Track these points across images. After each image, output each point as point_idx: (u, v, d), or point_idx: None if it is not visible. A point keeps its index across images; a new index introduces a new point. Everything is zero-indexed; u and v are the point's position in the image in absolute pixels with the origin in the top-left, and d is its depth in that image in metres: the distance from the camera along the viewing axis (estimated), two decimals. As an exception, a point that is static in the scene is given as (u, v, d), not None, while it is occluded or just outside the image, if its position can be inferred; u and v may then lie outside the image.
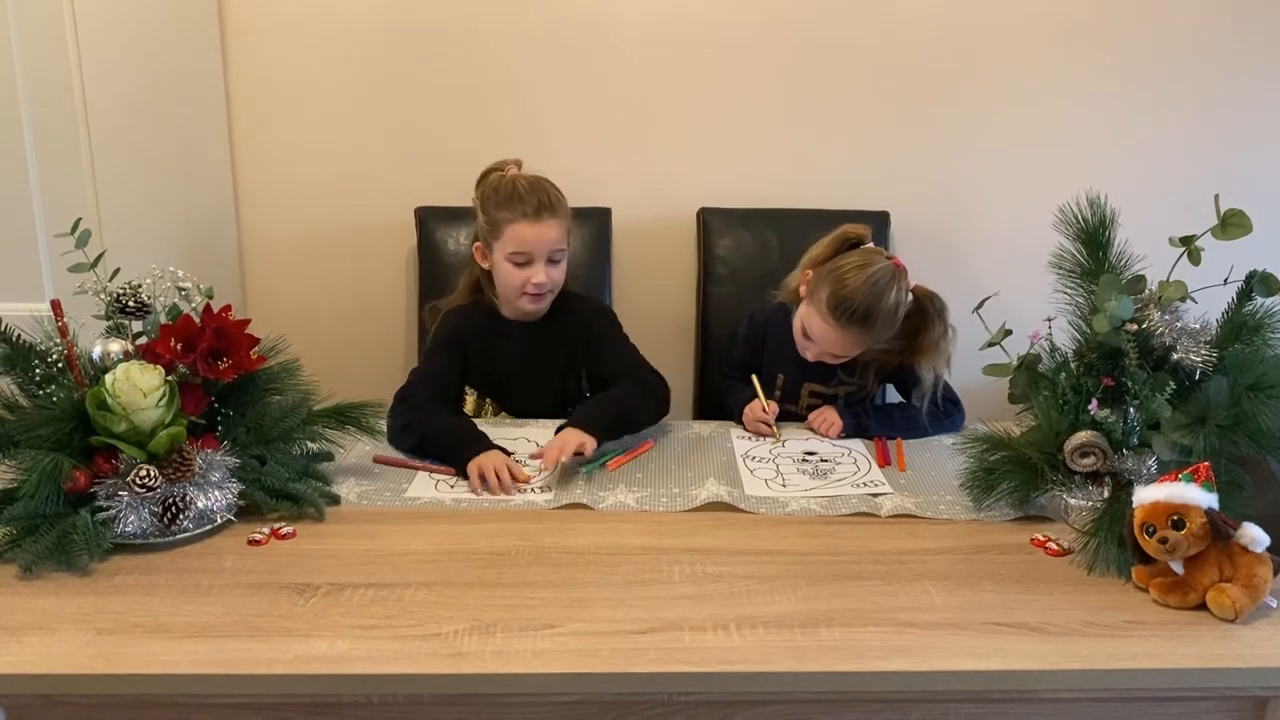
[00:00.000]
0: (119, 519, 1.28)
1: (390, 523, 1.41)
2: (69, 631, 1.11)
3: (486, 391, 1.96)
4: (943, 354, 1.83)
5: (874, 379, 1.93)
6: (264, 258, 2.49)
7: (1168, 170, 2.46)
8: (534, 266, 1.82)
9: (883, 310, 1.75)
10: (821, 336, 1.81)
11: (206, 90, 2.32)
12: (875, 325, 1.77)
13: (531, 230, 1.80)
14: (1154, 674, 1.09)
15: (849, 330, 1.77)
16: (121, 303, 1.40)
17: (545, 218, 1.80)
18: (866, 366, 1.91)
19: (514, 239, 1.80)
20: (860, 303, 1.74)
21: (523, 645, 1.09)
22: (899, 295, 1.77)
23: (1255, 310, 1.38)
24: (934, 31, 2.38)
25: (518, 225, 1.80)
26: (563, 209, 1.85)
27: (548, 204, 1.81)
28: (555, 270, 1.85)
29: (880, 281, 1.75)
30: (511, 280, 1.84)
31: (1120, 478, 1.38)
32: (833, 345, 1.82)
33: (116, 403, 1.29)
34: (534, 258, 1.81)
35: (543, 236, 1.80)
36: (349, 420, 1.57)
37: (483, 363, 1.92)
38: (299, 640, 1.10)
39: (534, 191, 1.81)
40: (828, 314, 1.77)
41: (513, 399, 1.95)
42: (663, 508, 1.48)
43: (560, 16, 2.35)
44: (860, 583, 1.25)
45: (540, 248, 1.81)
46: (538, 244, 1.80)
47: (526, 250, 1.81)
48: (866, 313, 1.75)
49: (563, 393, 1.95)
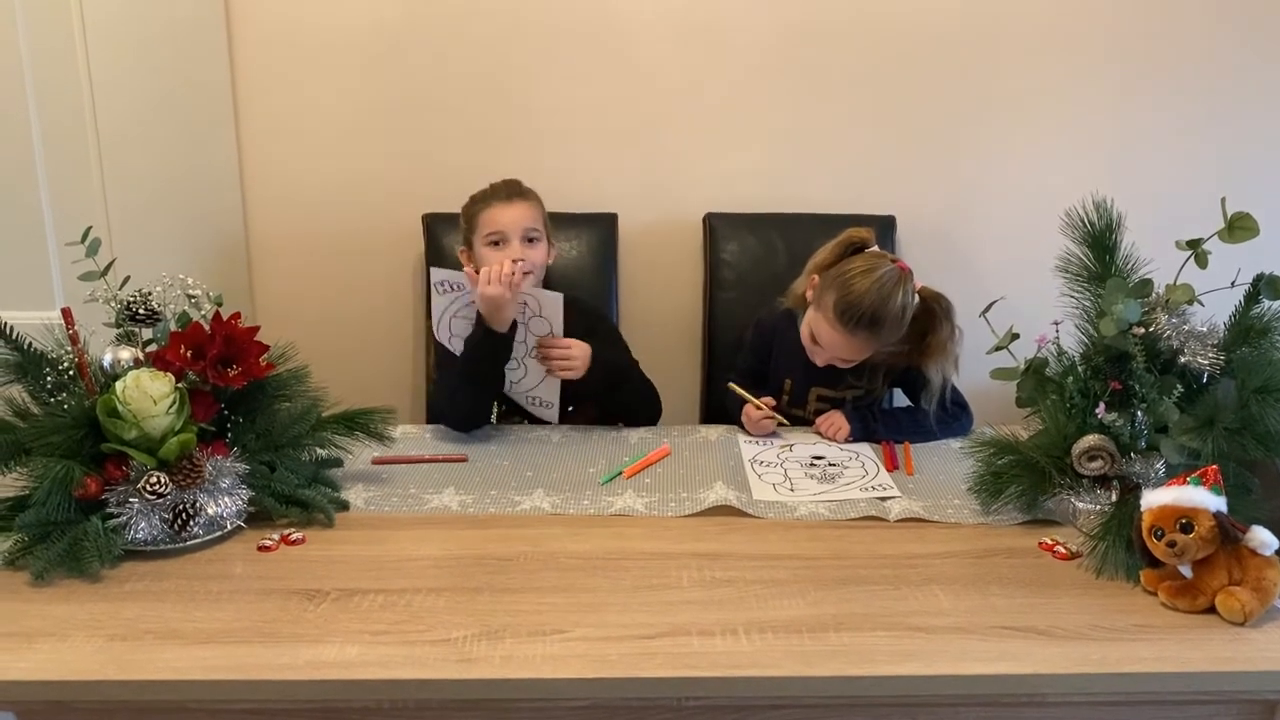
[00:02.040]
0: (130, 526, 1.29)
1: (399, 528, 1.42)
2: (80, 638, 1.11)
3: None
4: (950, 355, 1.82)
5: (883, 382, 1.93)
6: (272, 265, 2.49)
7: (1174, 173, 2.46)
8: (510, 245, 1.90)
9: (890, 314, 1.75)
10: (829, 342, 1.81)
11: (215, 99, 2.33)
12: (883, 329, 1.77)
13: (503, 211, 1.92)
14: (1163, 678, 1.08)
15: (856, 335, 1.77)
16: (131, 310, 1.41)
17: (515, 200, 1.94)
18: (875, 369, 1.91)
19: (488, 222, 1.92)
20: (867, 308, 1.74)
21: (532, 650, 1.10)
22: (905, 298, 1.77)
23: (1263, 313, 1.38)
24: (940, 36, 2.38)
25: (490, 210, 1.93)
26: (534, 198, 1.97)
27: (518, 190, 1.96)
28: (532, 250, 1.92)
29: (886, 285, 1.75)
30: (491, 262, 1.87)
31: (1128, 481, 1.38)
32: (841, 350, 1.82)
33: (127, 410, 1.29)
34: (509, 236, 1.90)
35: (514, 216, 1.92)
36: (358, 426, 1.57)
37: None
38: (309, 646, 1.10)
39: (506, 184, 1.97)
40: (835, 320, 1.77)
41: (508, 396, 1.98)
42: (670, 512, 1.48)
43: (567, 24, 2.36)
44: (869, 587, 1.25)
45: (513, 226, 1.91)
46: (510, 224, 1.91)
47: (500, 229, 1.91)
48: (874, 318, 1.75)
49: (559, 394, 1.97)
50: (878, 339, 1.79)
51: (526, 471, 1.64)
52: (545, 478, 1.62)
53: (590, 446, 1.77)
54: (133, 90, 1.98)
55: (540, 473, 1.64)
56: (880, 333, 1.77)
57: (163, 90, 2.11)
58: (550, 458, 1.71)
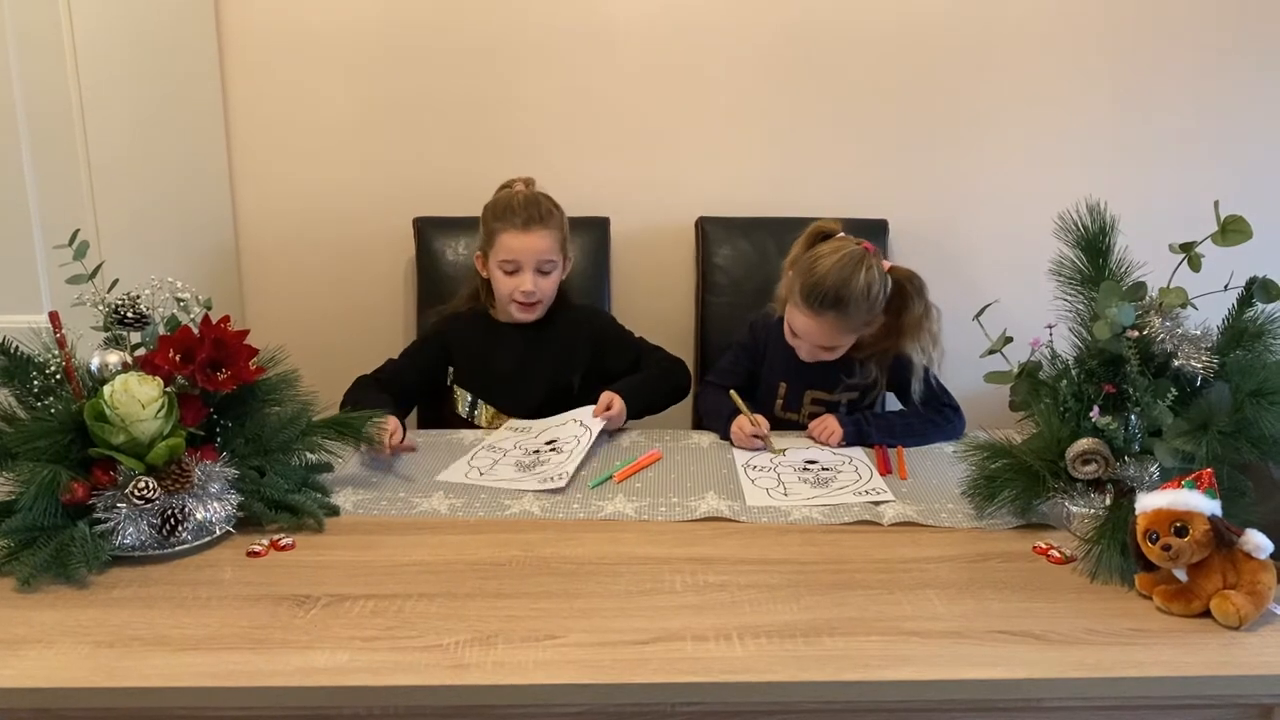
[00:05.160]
0: (117, 531, 1.28)
1: (390, 533, 1.41)
2: (67, 645, 1.10)
3: (479, 393, 2.00)
4: (927, 332, 1.84)
5: (879, 372, 1.92)
6: (263, 268, 2.48)
7: (1167, 177, 2.46)
8: (522, 275, 1.92)
9: (854, 292, 1.76)
10: (804, 329, 1.83)
11: (205, 102, 2.32)
12: (849, 308, 1.77)
13: (519, 240, 1.90)
14: (1158, 682, 1.08)
15: (824, 316, 1.78)
16: (120, 314, 1.40)
17: (534, 229, 1.91)
18: (866, 362, 1.91)
19: (504, 248, 1.91)
20: (830, 286, 1.75)
21: (524, 656, 1.09)
22: (870, 275, 1.77)
23: (1256, 316, 1.38)
24: (932, 41, 2.39)
25: (508, 235, 1.91)
26: (555, 221, 1.94)
27: (538, 216, 1.92)
28: (544, 281, 1.94)
29: (848, 265, 1.77)
30: (503, 288, 1.95)
31: (1122, 485, 1.37)
32: (815, 336, 1.83)
33: (115, 414, 1.28)
34: (522, 266, 1.91)
35: (530, 246, 1.90)
36: (348, 431, 1.56)
37: (474, 365, 2.00)
38: (299, 652, 1.09)
39: (527, 205, 1.92)
40: (802, 304, 1.80)
41: (506, 400, 1.99)
42: (661, 517, 1.47)
43: (558, 27, 2.36)
44: (863, 591, 1.24)
45: (528, 257, 1.91)
46: (525, 253, 1.90)
47: (515, 259, 1.91)
48: (838, 296, 1.76)
49: (555, 395, 1.99)
50: (846, 319, 1.79)
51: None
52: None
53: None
54: (122, 95, 1.96)
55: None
56: (848, 311, 1.78)
57: (153, 94, 2.10)
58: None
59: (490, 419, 1.99)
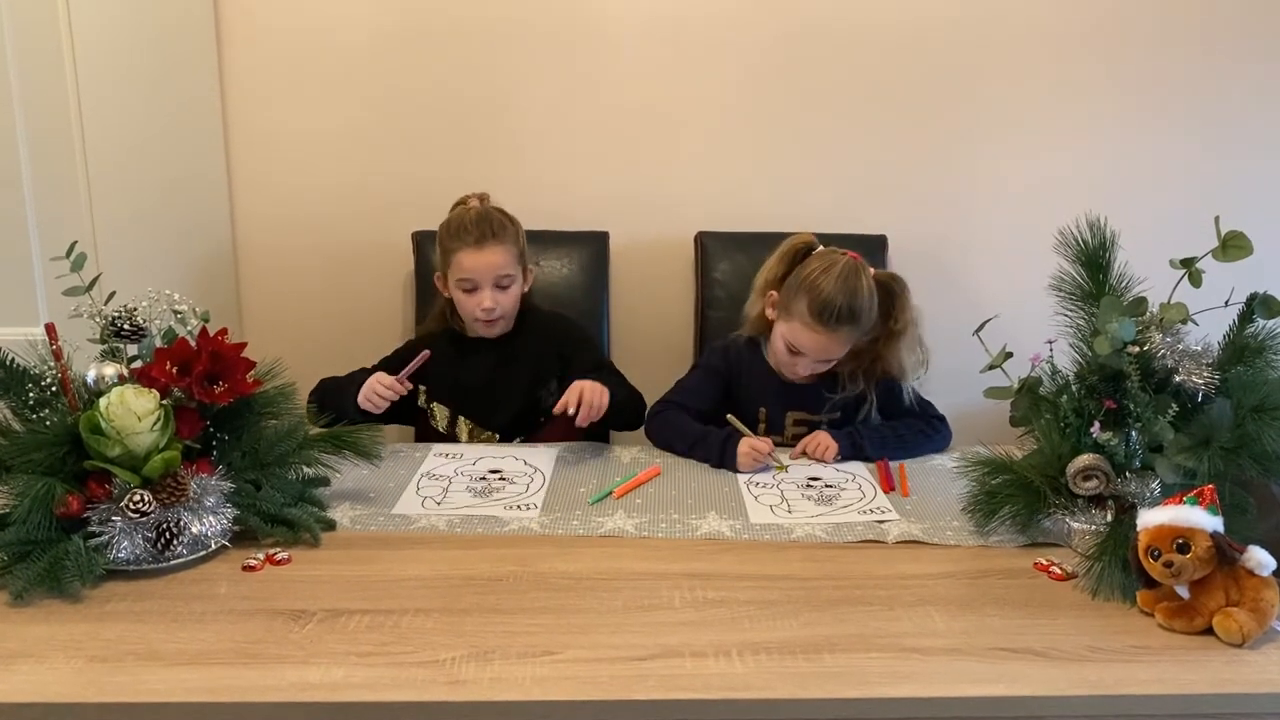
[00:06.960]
0: (112, 545, 1.27)
1: (386, 548, 1.40)
2: (60, 659, 1.09)
3: (457, 408, 2.00)
4: (914, 332, 1.87)
5: (865, 382, 1.91)
6: (261, 281, 2.48)
7: (1167, 192, 2.47)
8: (481, 292, 1.91)
9: (862, 303, 1.80)
10: (812, 346, 1.82)
11: (203, 113, 2.32)
12: (862, 319, 1.81)
13: (473, 258, 1.90)
14: (1161, 700, 1.07)
15: (839, 331, 1.80)
16: (117, 326, 1.40)
17: (488, 245, 1.90)
18: (853, 376, 1.90)
19: (460, 266, 1.91)
20: (842, 302, 1.78)
21: (522, 672, 1.08)
22: (869, 284, 1.82)
23: (1257, 332, 1.38)
24: (930, 54, 2.39)
25: (462, 254, 1.90)
26: (509, 235, 1.93)
27: (490, 232, 1.90)
28: (504, 296, 1.93)
29: (851, 277, 1.80)
30: (464, 306, 1.95)
31: (1124, 501, 1.37)
32: (825, 351, 1.84)
33: (110, 427, 1.28)
34: (480, 284, 1.91)
35: (486, 262, 1.90)
36: (345, 444, 1.55)
37: (446, 381, 2.00)
38: (294, 668, 1.08)
39: (479, 222, 1.91)
40: (813, 322, 1.79)
41: (482, 413, 2.00)
42: (661, 534, 1.46)
43: (559, 41, 2.36)
44: (863, 608, 1.23)
45: (484, 274, 1.90)
46: (481, 270, 1.90)
47: (471, 276, 1.91)
48: (851, 310, 1.78)
49: (531, 405, 1.99)
50: (858, 329, 1.83)
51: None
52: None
53: (579, 466, 1.75)
54: (121, 104, 1.97)
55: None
56: (859, 322, 1.81)
57: (151, 104, 2.10)
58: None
59: (470, 433, 1.99)
